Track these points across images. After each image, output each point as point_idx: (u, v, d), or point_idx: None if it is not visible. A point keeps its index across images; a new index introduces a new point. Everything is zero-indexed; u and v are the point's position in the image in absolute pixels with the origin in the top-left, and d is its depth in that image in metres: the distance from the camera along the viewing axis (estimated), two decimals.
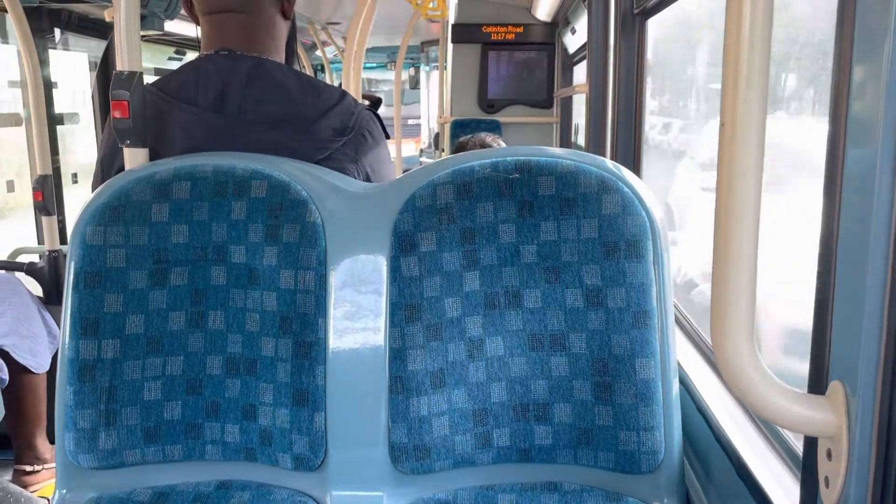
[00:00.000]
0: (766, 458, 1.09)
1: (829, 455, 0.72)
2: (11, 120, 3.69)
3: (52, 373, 2.46)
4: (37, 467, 2.45)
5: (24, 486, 2.39)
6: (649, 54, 2.20)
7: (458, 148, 3.23)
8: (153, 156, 1.39)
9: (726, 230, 0.69)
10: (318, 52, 7.84)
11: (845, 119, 0.69)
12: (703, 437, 1.23)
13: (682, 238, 3.17)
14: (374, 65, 11.59)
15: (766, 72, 0.67)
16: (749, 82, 0.66)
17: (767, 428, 1.16)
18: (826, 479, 0.73)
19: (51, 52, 3.62)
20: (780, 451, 1.10)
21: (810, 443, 0.78)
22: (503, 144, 3.25)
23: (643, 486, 1.20)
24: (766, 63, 0.67)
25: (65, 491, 1.27)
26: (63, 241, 3.17)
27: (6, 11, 2.72)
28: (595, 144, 2.43)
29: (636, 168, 2.17)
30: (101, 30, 3.90)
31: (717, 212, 0.70)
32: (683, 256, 2.79)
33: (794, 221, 1.63)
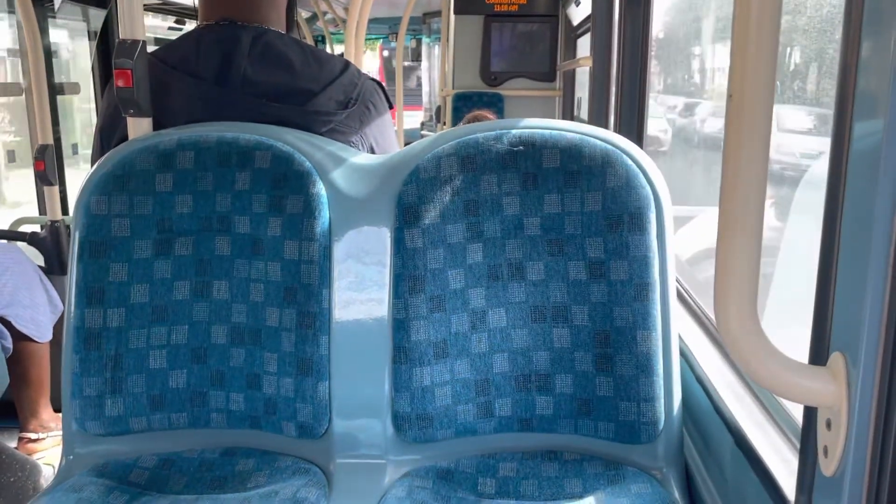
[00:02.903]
0: (765, 429, 1.10)
1: (828, 425, 0.73)
2: (11, 89, 3.67)
3: (54, 342, 2.48)
4: (41, 435, 2.47)
5: (29, 454, 2.41)
6: (660, 25, 2.15)
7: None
8: (155, 126, 1.38)
9: (731, 200, 0.70)
10: (319, 24, 7.77)
11: (853, 92, 0.69)
12: (702, 409, 1.25)
13: None
14: (375, 36, 11.47)
15: (774, 43, 0.67)
16: (758, 53, 0.66)
17: (766, 399, 1.17)
18: (825, 448, 0.74)
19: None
20: (778, 422, 1.11)
21: (810, 413, 0.79)
22: (493, 118, 3.23)
23: (643, 455, 1.21)
24: (775, 34, 0.67)
25: (71, 457, 1.28)
26: (65, 211, 3.17)
27: None
28: (598, 118, 2.42)
29: (640, 141, 2.16)
30: None
31: (723, 182, 0.70)
32: None
33: None
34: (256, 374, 1.26)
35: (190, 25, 5.56)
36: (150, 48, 1.40)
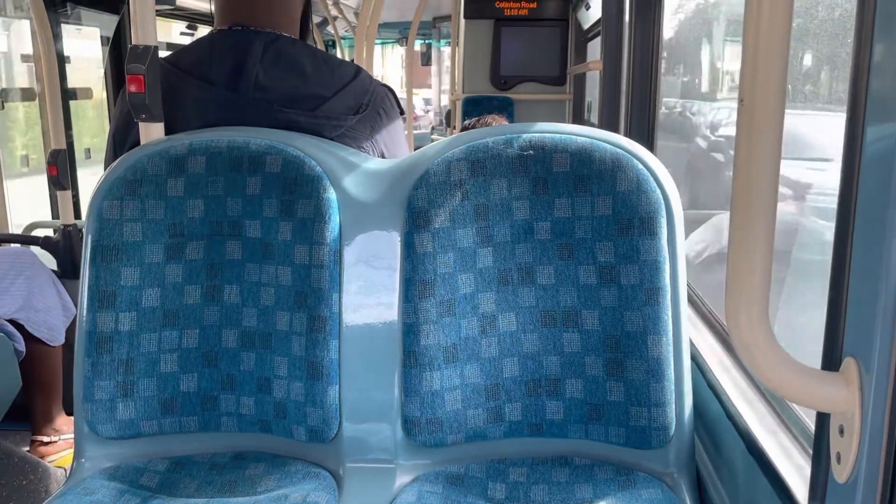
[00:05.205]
0: (777, 434, 1.09)
1: (841, 431, 0.73)
2: (26, 95, 3.70)
3: (66, 346, 2.49)
4: (53, 438, 2.49)
5: (42, 457, 2.43)
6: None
7: (463, 130, 3.22)
8: (167, 131, 1.39)
9: (743, 205, 0.69)
10: (330, 28, 7.80)
11: (865, 96, 0.69)
12: (713, 414, 1.24)
13: None
14: (386, 41, 11.51)
15: (785, 47, 0.66)
16: (769, 57, 0.66)
17: (778, 405, 1.17)
18: (838, 454, 0.73)
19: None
20: (791, 428, 1.10)
21: (822, 419, 0.79)
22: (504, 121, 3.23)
23: (653, 461, 1.21)
24: (786, 38, 0.66)
25: (83, 460, 1.29)
26: (77, 215, 3.19)
27: None
28: (609, 122, 2.42)
29: (650, 145, 2.16)
30: (113, 4, 3.90)
31: (735, 187, 0.70)
32: None
33: None
34: (267, 377, 1.26)
35: (202, 31, 5.59)
36: (162, 53, 1.41)
